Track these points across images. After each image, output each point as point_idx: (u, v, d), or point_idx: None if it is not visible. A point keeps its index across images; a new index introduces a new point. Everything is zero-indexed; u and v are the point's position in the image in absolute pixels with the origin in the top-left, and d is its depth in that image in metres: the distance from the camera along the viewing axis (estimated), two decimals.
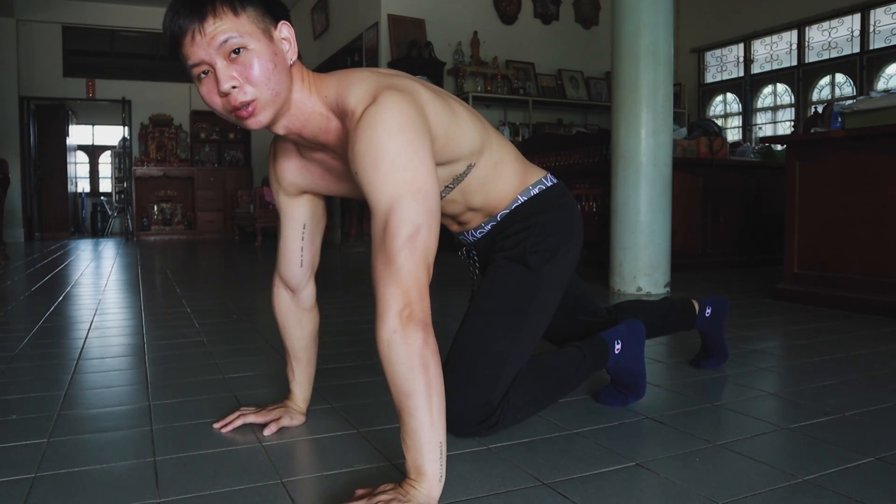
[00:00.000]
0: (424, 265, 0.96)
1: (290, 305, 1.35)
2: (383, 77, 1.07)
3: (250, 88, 1.01)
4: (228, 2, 1.00)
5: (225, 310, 2.91)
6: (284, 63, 1.04)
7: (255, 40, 1.00)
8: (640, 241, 3.40)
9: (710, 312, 1.75)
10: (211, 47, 0.99)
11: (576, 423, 1.36)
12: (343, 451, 1.21)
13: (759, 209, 4.80)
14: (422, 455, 0.93)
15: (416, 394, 0.92)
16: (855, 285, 2.79)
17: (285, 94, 1.05)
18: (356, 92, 1.03)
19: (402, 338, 0.92)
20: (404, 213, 0.94)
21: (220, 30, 0.98)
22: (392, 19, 6.58)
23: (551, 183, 1.36)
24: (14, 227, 8.72)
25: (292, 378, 1.38)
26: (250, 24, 1.00)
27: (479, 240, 1.38)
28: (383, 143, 0.96)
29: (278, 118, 1.08)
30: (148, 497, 1.02)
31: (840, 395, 1.56)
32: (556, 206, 1.33)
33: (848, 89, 6.38)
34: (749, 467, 1.13)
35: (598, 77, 7.64)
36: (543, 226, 1.30)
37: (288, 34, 1.06)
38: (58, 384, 1.69)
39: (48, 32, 9.31)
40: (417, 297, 0.94)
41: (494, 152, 1.25)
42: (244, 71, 1.00)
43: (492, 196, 1.29)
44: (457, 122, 1.14)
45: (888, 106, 2.71)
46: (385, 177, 0.95)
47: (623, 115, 3.43)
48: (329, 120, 1.09)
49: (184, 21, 0.99)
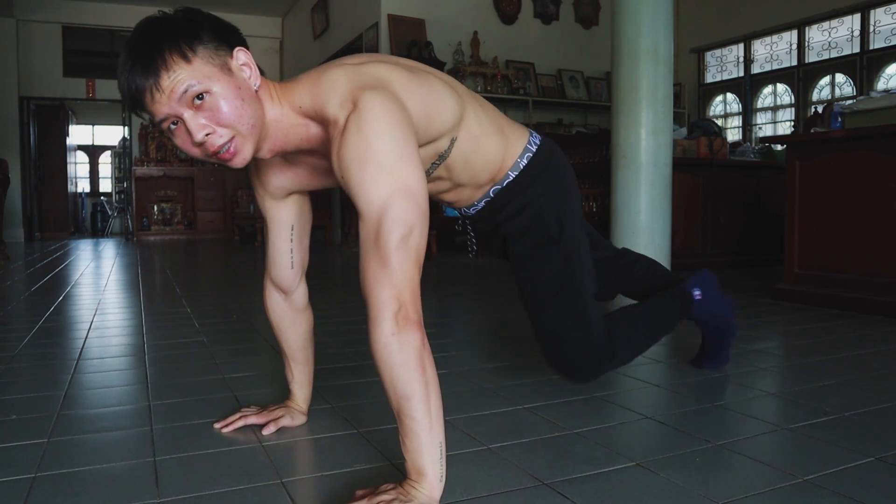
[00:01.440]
0: (417, 265, 0.95)
1: (284, 308, 1.35)
2: (357, 74, 1.03)
3: (224, 130, 0.99)
4: (177, 50, 0.96)
5: (225, 310, 2.91)
6: (250, 92, 1.02)
7: (215, 81, 0.98)
8: (640, 242, 3.40)
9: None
10: (172, 100, 0.96)
11: (576, 423, 1.36)
12: (343, 451, 1.21)
13: (759, 209, 4.79)
14: (422, 456, 0.93)
15: (414, 395, 0.92)
16: (855, 285, 2.79)
17: (260, 123, 1.03)
18: (333, 98, 1.00)
19: (398, 340, 0.92)
20: (397, 213, 0.93)
21: (177, 81, 0.95)
22: (392, 19, 6.58)
23: (536, 146, 1.33)
24: (14, 226, 8.72)
25: (291, 379, 1.38)
26: (205, 65, 0.98)
27: (474, 215, 1.39)
28: (370, 146, 0.94)
29: (260, 146, 1.06)
30: (148, 497, 1.02)
31: (840, 395, 1.56)
32: (548, 171, 1.33)
33: (848, 89, 6.38)
34: (749, 467, 1.13)
35: (598, 77, 7.64)
36: (544, 196, 1.32)
37: (246, 59, 1.03)
38: (58, 384, 1.69)
39: (48, 32, 9.31)
40: (411, 297, 0.94)
41: (473, 124, 1.21)
42: (213, 116, 0.98)
43: (477, 171, 1.27)
44: (434, 97, 1.12)
45: (888, 106, 2.71)
46: (374, 178, 0.94)
47: (623, 115, 3.43)
48: (308, 127, 1.07)
49: (139, 80, 0.96)
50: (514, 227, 1.35)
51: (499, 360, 1.93)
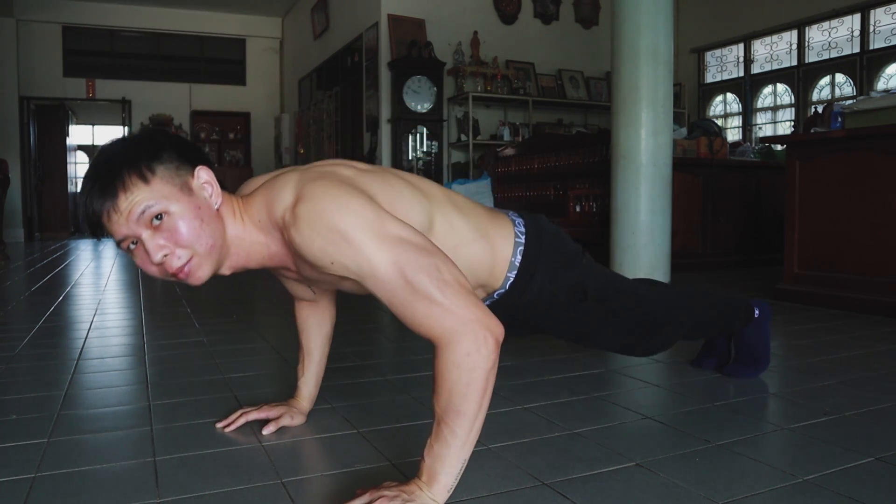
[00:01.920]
0: (465, 289, 0.92)
1: (312, 310, 1.38)
2: (305, 173, 1.02)
3: (183, 251, 0.98)
4: (136, 171, 0.96)
5: (225, 310, 2.91)
6: (210, 212, 1.01)
7: (174, 202, 0.97)
8: (640, 242, 3.40)
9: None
10: (130, 221, 0.96)
11: (576, 423, 1.36)
12: (343, 451, 1.21)
13: (759, 209, 4.79)
14: (443, 465, 0.92)
15: (466, 415, 0.91)
16: (855, 285, 2.79)
17: (220, 242, 1.02)
18: (280, 201, 0.99)
19: (473, 360, 0.89)
20: (414, 265, 0.90)
21: (134, 203, 0.95)
22: (392, 19, 6.58)
23: (524, 235, 1.24)
24: (14, 227, 8.72)
25: (301, 375, 1.39)
26: (164, 185, 0.97)
27: None
28: (339, 222, 0.92)
29: (220, 263, 1.04)
30: (148, 497, 1.02)
31: (840, 395, 1.56)
32: (544, 255, 1.25)
33: (848, 89, 6.38)
34: (749, 467, 1.13)
35: (598, 77, 7.64)
36: (552, 280, 1.26)
37: (207, 177, 1.02)
38: (58, 384, 1.69)
39: (48, 32, 9.31)
40: (484, 313, 0.91)
41: (448, 234, 1.12)
42: (171, 236, 0.97)
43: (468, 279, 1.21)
44: (397, 195, 1.06)
45: (888, 106, 2.70)
46: (367, 247, 0.91)
47: (623, 115, 3.43)
48: (268, 246, 1.05)
49: (97, 203, 0.95)
50: (536, 314, 1.31)
51: (499, 360, 1.92)
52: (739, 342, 1.71)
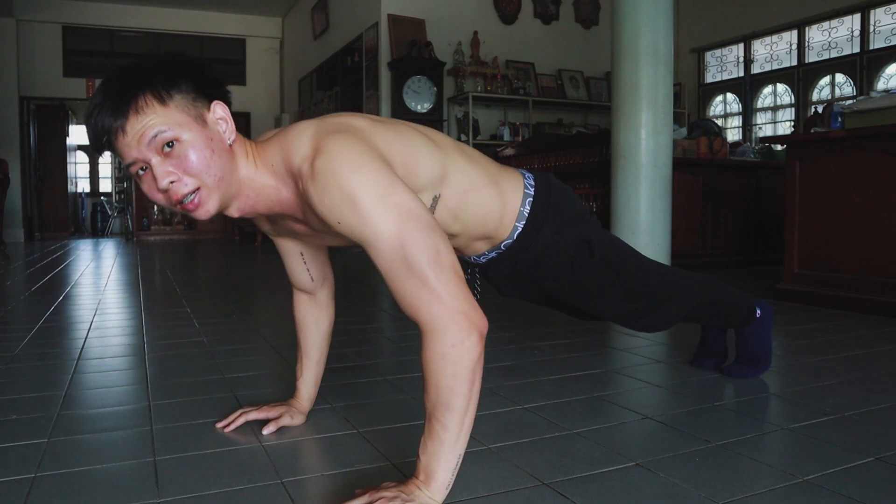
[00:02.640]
0: (461, 280, 0.92)
1: (309, 306, 1.37)
2: (322, 123, 1.02)
3: (190, 179, 0.97)
4: (153, 91, 0.95)
5: (225, 310, 2.91)
6: (223, 146, 1.00)
7: (186, 130, 0.96)
8: (640, 242, 3.40)
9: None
10: (141, 145, 0.94)
11: (576, 423, 1.36)
12: (343, 451, 1.21)
13: (759, 209, 4.79)
14: (438, 462, 0.92)
15: (455, 408, 0.91)
16: (855, 285, 2.79)
17: (229, 177, 1.01)
18: (298, 150, 0.98)
19: (458, 352, 0.89)
20: (415, 240, 0.90)
21: (148, 125, 0.94)
22: (392, 19, 6.58)
23: (533, 188, 1.26)
24: (14, 226, 8.72)
25: (300, 375, 1.39)
26: (180, 113, 0.96)
27: (484, 263, 1.34)
28: (351, 184, 0.91)
29: (228, 202, 1.04)
30: (148, 497, 1.02)
31: (840, 395, 1.56)
32: (552, 208, 1.27)
33: (848, 89, 6.38)
34: (749, 467, 1.13)
35: (598, 77, 7.64)
36: (559, 234, 1.27)
37: (223, 113, 1.02)
38: (58, 384, 1.69)
39: (48, 32, 9.31)
40: (474, 309, 0.91)
41: (460, 180, 1.14)
42: (181, 164, 0.96)
43: (471, 225, 1.19)
44: (410, 149, 1.07)
45: (888, 106, 2.70)
46: (373, 214, 0.91)
47: (623, 115, 3.43)
48: (279, 191, 1.04)
49: (107, 119, 0.94)
50: (541, 271, 1.31)
51: (499, 361, 1.92)
52: (741, 342, 1.71)
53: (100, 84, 0.98)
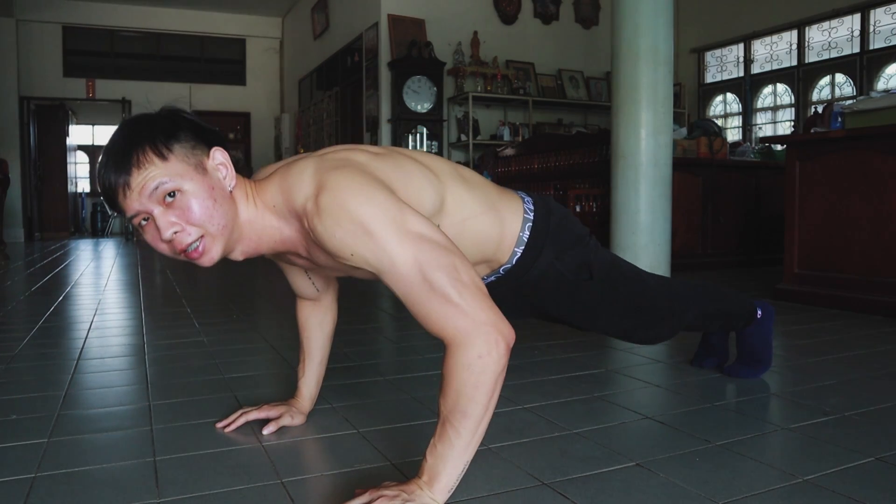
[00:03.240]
0: (482, 292, 0.93)
1: (312, 309, 1.38)
2: (322, 161, 1.02)
3: (194, 229, 0.98)
4: (153, 147, 0.96)
5: (225, 310, 2.91)
6: (224, 192, 1.01)
7: (188, 180, 0.97)
8: (640, 242, 3.40)
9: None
10: (143, 197, 0.96)
11: (576, 423, 1.36)
12: (343, 451, 1.21)
13: (759, 209, 4.79)
14: (445, 466, 0.92)
15: (472, 417, 0.91)
16: (855, 285, 2.79)
17: (232, 223, 1.02)
18: (300, 189, 0.98)
19: (484, 363, 0.89)
20: (433, 263, 0.91)
21: (148, 178, 0.95)
22: (392, 19, 6.58)
23: (532, 213, 1.25)
24: (14, 227, 8.72)
25: (301, 376, 1.39)
26: (180, 163, 0.97)
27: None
28: (362, 215, 0.92)
29: (232, 247, 1.04)
30: (148, 497, 1.02)
31: (840, 395, 1.56)
32: (552, 233, 1.25)
33: (848, 89, 6.38)
34: (749, 467, 1.13)
35: (598, 77, 7.64)
36: (558, 259, 1.26)
37: (223, 159, 1.02)
38: (58, 384, 1.69)
39: (48, 32, 9.32)
40: (498, 318, 0.91)
41: (456, 209, 1.14)
42: (183, 214, 0.97)
43: (470, 251, 1.16)
44: (409, 180, 1.07)
45: (888, 106, 2.70)
46: (388, 242, 0.91)
47: (623, 115, 3.43)
48: (281, 231, 1.05)
49: (113, 176, 0.96)
50: (540, 295, 1.31)
51: None
52: (741, 342, 1.71)
53: (106, 143, 1.00)
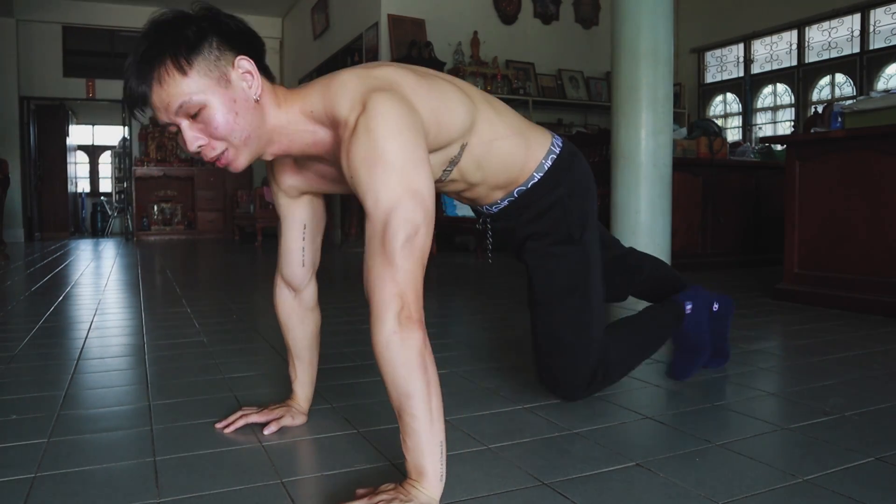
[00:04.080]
0: (421, 265, 0.96)
1: (293, 305, 1.36)
2: (367, 77, 1.05)
3: (218, 143, 1.03)
4: (174, 60, 0.98)
5: (225, 310, 2.91)
6: (247, 103, 1.03)
7: (209, 95, 1.00)
8: (640, 242, 3.39)
9: (713, 309, 1.74)
10: (169, 112, 1.00)
11: (576, 423, 1.36)
12: (343, 451, 1.21)
13: (759, 209, 4.79)
14: (423, 455, 0.93)
15: (416, 394, 0.92)
16: (855, 285, 2.79)
17: (258, 132, 1.05)
18: (344, 101, 1.02)
19: (400, 339, 0.92)
20: (403, 214, 0.94)
21: (172, 96, 0.99)
22: (392, 19, 6.58)
23: (560, 147, 1.35)
24: (14, 227, 8.72)
25: (294, 378, 1.38)
26: (202, 77, 0.99)
27: (496, 213, 1.40)
28: (379, 147, 0.96)
29: (260, 151, 1.09)
30: (148, 497, 1.02)
31: (840, 395, 1.56)
32: (572, 172, 1.35)
33: (848, 89, 6.38)
34: (749, 467, 1.13)
35: (598, 77, 7.64)
36: (569, 197, 1.34)
37: (249, 67, 1.03)
38: (58, 384, 1.69)
39: (48, 32, 9.31)
40: (414, 297, 0.94)
41: (486, 129, 1.22)
42: (206, 129, 1.01)
43: (491, 173, 1.27)
44: (445, 103, 1.13)
45: (888, 106, 2.70)
46: (383, 180, 0.95)
47: (623, 115, 3.43)
48: (315, 134, 1.09)
49: (136, 87, 1.00)
50: (537, 226, 1.37)
51: (499, 360, 1.92)
52: (677, 336, 1.67)
53: (133, 46, 1.02)
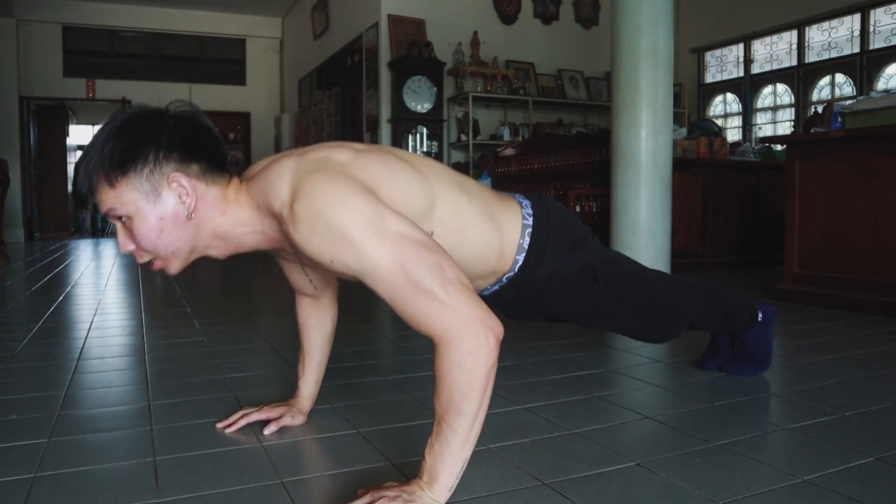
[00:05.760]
0: (467, 288, 0.91)
1: (312, 307, 1.38)
2: (301, 162, 1.00)
3: (144, 253, 1.04)
4: (104, 174, 0.98)
5: (225, 310, 2.91)
6: (177, 219, 1.01)
7: (135, 208, 0.99)
8: (640, 242, 3.40)
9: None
10: (104, 212, 1.02)
11: (576, 423, 1.36)
12: (343, 451, 1.21)
13: (759, 209, 4.79)
14: (444, 465, 0.92)
15: (467, 413, 0.91)
16: (855, 285, 2.79)
17: (189, 244, 1.04)
18: (277, 194, 0.97)
19: (474, 359, 0.89)
20: (415, 261, 0.90)
21: (102, 202, 1.00)
22: (392, 19, 6.58)
23: (531, 217, 1.23)
24: (14, 227, 8.72)
25: (302, 375, 1.39)
26: (131, 191, 0.98)
27: (489, 296, 1.31)
28: (338, 221, 0.90)
29: (198, 255, 1.08)
30: (148, 497, 1.02)
31: (840, 395, 1.56)
32: (552, 237, 1.24)
33: (848, 89, 6.38)
34: (749, 467, 1.13)
35: (598, 77, 7.64)
36: (562, 262, 1.25)
37: (185, 184, 1.00)
38: (58, 384, 1.69)
39: (48, 32, 9.31)
40: (485, 312, 0.91)
41: (451, 215, 1.10)
42: (134, 238, 1.02)
43: (469, 263, 1.15)
44: (396, 177, 1.03)
45: (888, 106, 2.70)
46: (367, 246, 0.90)
47: (623, 115, 3.43)
48: (265, 233, 1.05)
49: (79, 188, 1.01)
50: (546, 300, 1.31)
51: (499, 360, 1.92)
52: (742, 343, 1.72)
53: (98, 131, 1.02)
